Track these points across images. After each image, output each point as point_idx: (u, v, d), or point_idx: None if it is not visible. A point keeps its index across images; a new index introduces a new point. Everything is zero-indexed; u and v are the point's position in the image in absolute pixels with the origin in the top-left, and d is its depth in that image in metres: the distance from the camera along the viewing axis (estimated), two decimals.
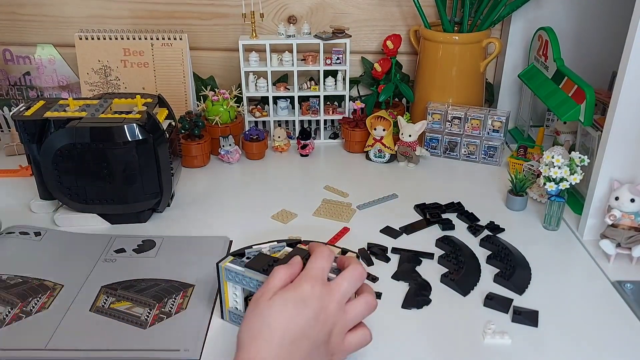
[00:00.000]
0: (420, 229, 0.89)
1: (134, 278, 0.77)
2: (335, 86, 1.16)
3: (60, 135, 0.81)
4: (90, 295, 0.73)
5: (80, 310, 0.71)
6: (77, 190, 0.86)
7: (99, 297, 0.73)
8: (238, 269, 0.64)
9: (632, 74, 0.73)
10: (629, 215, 0.78)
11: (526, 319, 0.69)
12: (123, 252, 0.83)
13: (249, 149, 1.13)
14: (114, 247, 0.84)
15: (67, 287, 0.75)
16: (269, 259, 0.64)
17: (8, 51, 1.21)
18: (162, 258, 0.81)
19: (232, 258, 0.67)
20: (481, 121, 1.08)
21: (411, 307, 0.72)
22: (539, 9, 1.14)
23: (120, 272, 0.78)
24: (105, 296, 0.73)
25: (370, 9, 1.21)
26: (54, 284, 0.75)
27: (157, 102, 0.93)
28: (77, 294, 0.74)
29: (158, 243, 0.85)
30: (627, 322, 0.70)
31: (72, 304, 0.72)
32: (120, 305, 0.71)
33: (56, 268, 0.79)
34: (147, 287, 0.75)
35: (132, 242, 0.85)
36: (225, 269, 0.65)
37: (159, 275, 0.77)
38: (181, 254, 0.82)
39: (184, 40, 1.15)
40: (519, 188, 0.94)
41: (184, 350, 0.64)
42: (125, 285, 0.75)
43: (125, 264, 0.80)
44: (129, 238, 0.86)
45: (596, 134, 0.87)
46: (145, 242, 0.85)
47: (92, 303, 0.72)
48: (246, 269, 0.63)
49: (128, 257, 0.82)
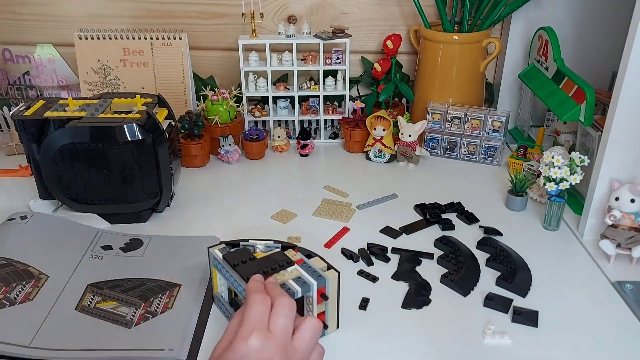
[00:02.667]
0: (420, 229, 0.89)
1: (121, 277, 0.77)
2: (335, 86, 1.16)
3: (60, 135, 0.81)
4: (76, 293, 0.73)
5: (65, 308, 0.71)
6: (77, 190, 0.85)
7: (85, 296, 0.73)
8: (219, 257, 0.67)
9: (632, 74, 0.73)
10: (629, 215, 0.78)
11: (526, 319, 0.69)
12: (110, 250, 0.83)
13: (249, 148, 1.12)
14: (100, 243, 0.84)
15: (52, 279, 0.75)
16: (246, 255, 0.65)
17: (8, 51, 1.21)
18: (150, 257, 0.81)
19: (223, 245, 0.69)
20: (481, 121, 1.08)
21: (411, 307, 0.72)
22: (539, 9, 1.13)
23: (106, 271, 0.78)
24: (92, 295, 0.73)
25: (370, 8, 1.21)
26: (39, 272, 0.75)
27: (156, 101, 0.93)
28: (63, 289, 0.74)
29: (145, 242, 0.85)
30: (627, 322, 0.70)
31: (57, 301, 0.72)
32: (106, 305, 0.71)
33: (42, 255, 0.79)
34: (133, 287, 0.75)
35: (119, 240, 0.85)
36: (212, 254, 0.68)
37: (146, 274, 0.77)
38: (168, 254, 0.82)
39: (184, 40, 1.15)
40: (519, 188, 0.94)
41: (168, 349, 0.64)
42: (112, 284, 0.75)
43: (112, 262, 0.80)
44: (117, 235, 0.86)
45: (596, 134, 0.87)
46: (133, 241, 0.85)
47: (78, 302, 0.72)
48: (223, 259, 0.66)
49: (115, 256, 0.82)
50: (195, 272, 0.77)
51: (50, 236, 0.84)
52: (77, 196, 0.86)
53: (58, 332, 0.66)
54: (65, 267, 0.78)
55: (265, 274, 0.62)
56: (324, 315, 0.66)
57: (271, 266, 0.64)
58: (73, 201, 0.86)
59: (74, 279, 0.76)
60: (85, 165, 0.83)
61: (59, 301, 0.72)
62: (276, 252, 0.67)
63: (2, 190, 1.00)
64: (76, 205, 0.87)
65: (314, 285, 0.62)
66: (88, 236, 0.85)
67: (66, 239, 0.84)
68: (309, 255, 0.68)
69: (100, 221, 0.89)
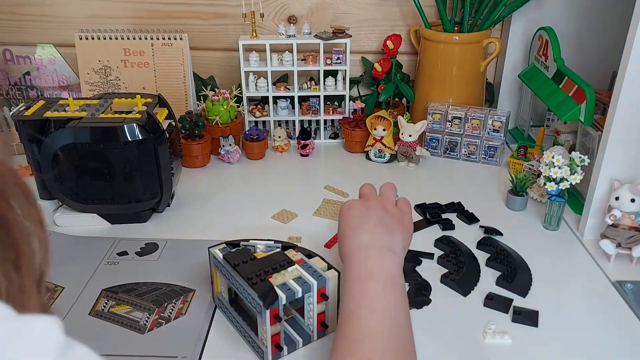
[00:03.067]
0: (420, 229, 0.89)
1: (135, 281, 0.76)
2: (335, 86, 1.16)
3: (60, 135, 0.81)
4: (91, 298, 0.73)
5: (79, 314, 0.70)
6: (77, 190, 0.85)
7: (99, 301, 0.73)
8: (219, 257, 0.66)
9: (632, 74, 0.73)
10: (629, 215, 0.78)
11: (527, 319, 0.69)
12: (125, 255, 0.82)
13: (249, 149, 1.13)
14: (117, 250, 0.83)
15: (67, 290, 0.75)
16: (246, 255, 0.65)
17: (8, 51, 1.21)
18: (164, 261, 0.81)
19: (223, 245, 0.69)
20: (481, 121, 1.08)
21: (411, 307, 0.71)
22: (539, 9, 1.14)
23: (121, 275, 0.78)
24: (105, 300, 0.73)
25: (370, 9, 1.21)
26: (55, 286, 0.75)
27: (157, 102, 0.93)
28: (78, 297, 0.73)
29: (161, 246, 0.84)
30: (627, 322, 0.70)
31: (72, 308, 0.71)
32: (120, 309, 0.71)
33: (57, 270, 0.78)
34: (147, 291, 0.75)
35: (135, 245, 0.85)
36: (212, 254, 0.68)
37: (161, 279, 0.77)
38: (183, 258, 0.81)
39: (184, 40, 1.15)
40: (519, 188, 0.94)
41: (181, 357, 0.63)
42: (126, 288, 0.75)
43: (127, 266, 0.80)
44: (132, 241, 0.86)
45: (596, 134, 0.87)
46: (148, 245, 0.85)
47: (92, 307, 0.72)
48: (223, 259, 0.65)
49: (130, 260, 0.81)
50: (210, 277, 0.76)
51: (66, 252, 0.83)
52: (77, 196, 0.86)
53: (71, 338, 0.66)
54: (81, 276, 0.78)
55: (267, 274, 0.62)
56: (324, 315, 0.66)
57: (272, 266, 0.64)
58: (73, 201, 0.87)
59: (89, 286, 0.76)
60: (85, 165, 0.83)
61: (73, 308, 0.71)
62: (276, 252, 0.67)
63: None
64: (76, 205, 0.87)
65: (314, 285, 0.62)
66: (104, 246, 0.84)
67: (83, 252, 0.83)
68: (309, 255, 0.68)
69: (101, 221, 0.89)
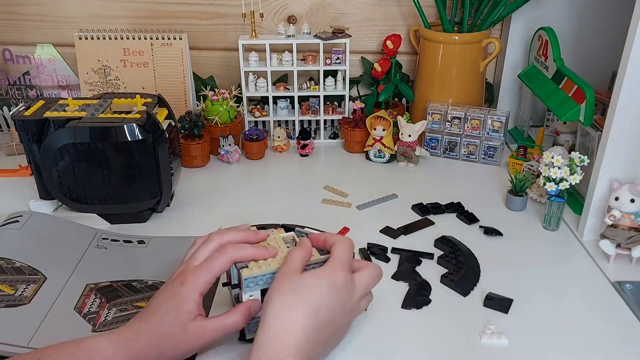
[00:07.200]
0: (420, 228, 0.89)
1: (123, 278, 0.76)
2: (335, 86, 1.16)
3: (60, 135, 0.81)
4: (75, 293, 0.73)
5: (64, 308, 0.70)
6: (77, 190, 0.85)
7: (84, 302, 0.72)
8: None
9: (632, 74, 0.73)
10: (629, 215, 0.78)
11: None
12: (116, 242, 0.83)
13: (249, 149, 1.13)
14: (99, 242, 0.84)
15: (50, 280, 0.75)
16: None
17: (8, 51, 1.21)
18: (150, 258, 0.81)
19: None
20: (481, 121, 1.08)
21: (411, 307, 0.72)
22: (539, 9, 1.14)
23: (107, 268, 0.78)
24: (91, 301, 0.72)
25: (370, 8, 1.21)
26: (37, 272, 0.76)
27: (156, 102, 0.93)
28: (62, 290, 0.73)
29: (146, 242, 0.85)
30: (627, 322, 0.70)
31: (56, 301, 0.71)
32: (104, 311, 0.71)
33: (40, 255, 0.78)
34: (136, 290, 0.74)
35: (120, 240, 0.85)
36: None
37: (146, 276, 0.77)
38: (169, 255, 0.81)
39: (184, 40, 1.15)
40: (518, 188, 0.94)
41: None
42: (114, 295, 0.74)
43: (115, 254, 0.80)
44: (115, 235, 0.86)
45: (596, 134, 0.87)
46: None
47: (75, 304, 0.71)
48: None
49: (120, 246, 0.82)
50: None
51: (49, 236, 0.83)
52: (77, 196, 0.86)
53: (57, 332, 0.66)
54: (64, 267, 0.78)
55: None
56: None
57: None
58: (73, 201, 0.86)
59: (73, 279, 0.76)
60: (85, 165, 0.83)
61: (57, 301, 0.71)
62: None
63: (2, 190, 1.00)
64: (76, 205, 0.87)
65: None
66: (88, 237, 0.85)
67: (65, 239, 0.83)
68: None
69: (101, 221, 0.89)
